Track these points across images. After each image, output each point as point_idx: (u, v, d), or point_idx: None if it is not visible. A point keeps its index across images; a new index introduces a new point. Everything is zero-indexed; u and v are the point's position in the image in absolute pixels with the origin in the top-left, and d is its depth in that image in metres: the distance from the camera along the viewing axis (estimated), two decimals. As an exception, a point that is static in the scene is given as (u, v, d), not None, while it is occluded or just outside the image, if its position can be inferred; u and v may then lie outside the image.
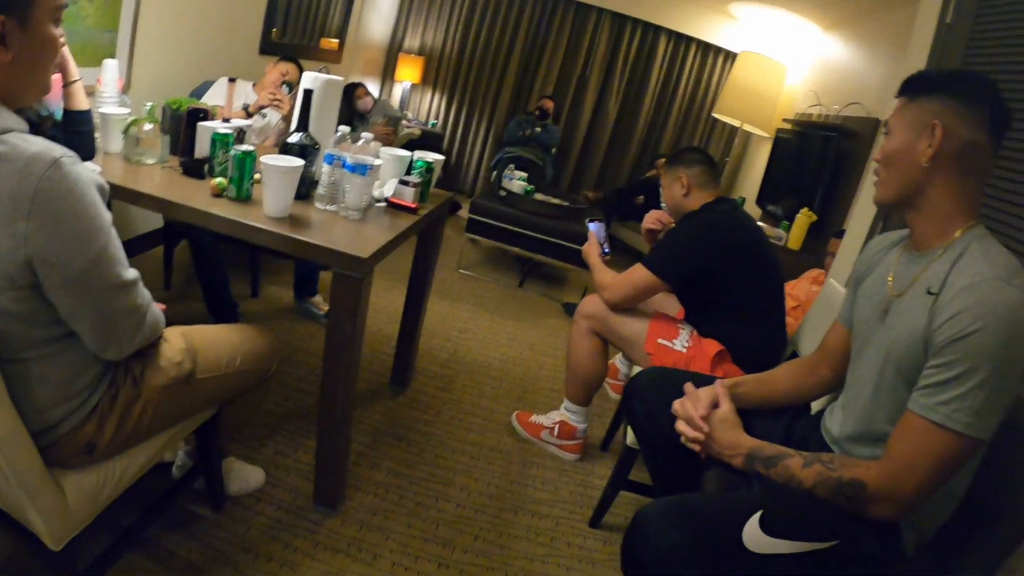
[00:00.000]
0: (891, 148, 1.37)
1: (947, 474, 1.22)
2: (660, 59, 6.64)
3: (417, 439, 2.54)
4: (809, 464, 1.35)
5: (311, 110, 2.04)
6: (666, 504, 1.38)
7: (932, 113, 1.29)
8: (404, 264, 2.78)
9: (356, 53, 5.85)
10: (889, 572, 1.39)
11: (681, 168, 2.48)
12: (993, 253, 1.24)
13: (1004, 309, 1.14)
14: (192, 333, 1.56)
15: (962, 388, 1.16)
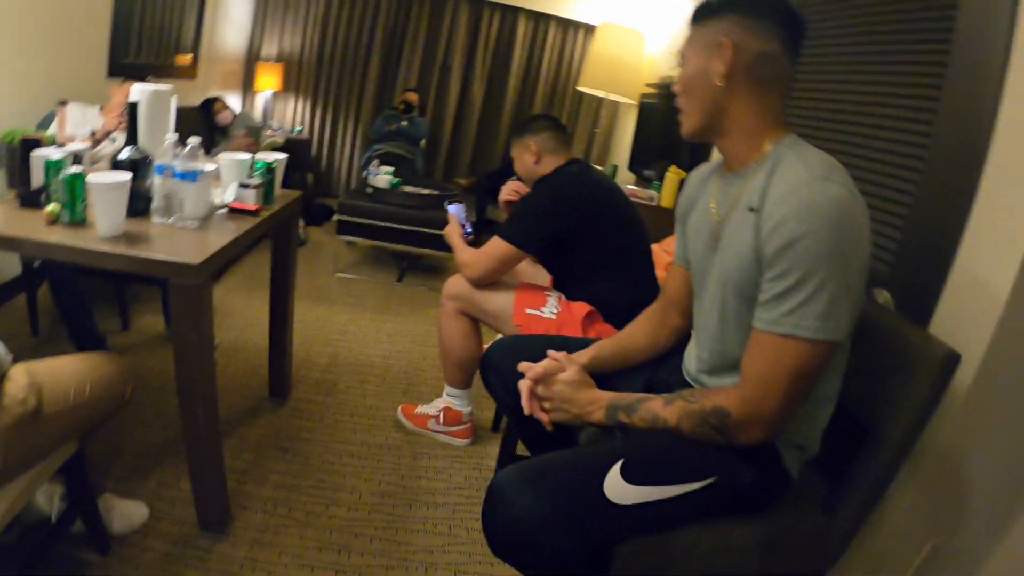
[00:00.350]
0: (686, 75, 1.37)
1: (808, 384, 1.23)
2: (521, 40, 6.65)
3: (302, 448, 2.48)
4: (670, 402, 1.34)
5: (139, 123, 1.95)
6: (516, 468, 1.34)
7: (720, 32, 1.29)
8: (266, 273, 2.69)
9: (212, 67, 5.62)
10: (778, 499, 1.42)
11: (529, 136, 2.49)
12: (807, 156, 1.24)
13: (827, 207, 1.13)
14: (36, 367, 1.47)
15: (803, 294, 1.16)
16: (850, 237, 1.14)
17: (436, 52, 6.59)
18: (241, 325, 3.44)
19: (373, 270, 4.87)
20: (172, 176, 1.86)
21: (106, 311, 3.15)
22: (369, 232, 4.49)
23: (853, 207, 1.15)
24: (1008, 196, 1.48)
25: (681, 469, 1.32)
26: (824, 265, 1.13)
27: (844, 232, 1.13)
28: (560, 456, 1.39)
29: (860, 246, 1.17)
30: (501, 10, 6.52)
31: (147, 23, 4.44)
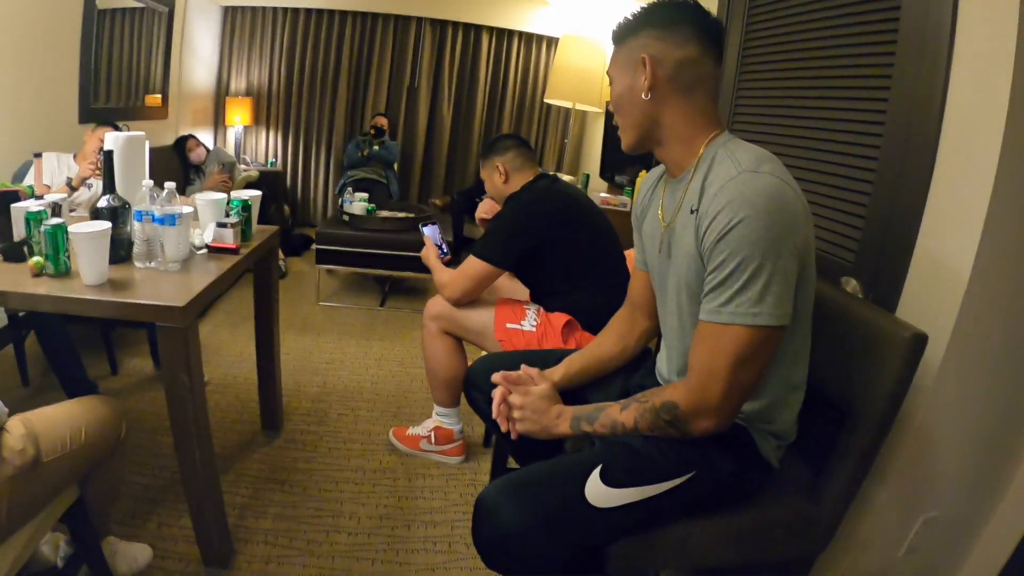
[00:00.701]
0: (616, 94, 1.42)
1: (751, 370, 1.25)
2: (486, 57, 6.73)
3: (299, 479, 2.49)
4: (626, 406, 1.38)
5: (115, 170, 1.98)
6: (500, 483, 1.37)
7: (639, 49, 1.34)
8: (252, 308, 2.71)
9: (183, 105, 5.64)
10: (761, 488, 1.46)
11: (495, 157, 2.54)
12: (738, 153, 1.27)
13: (755, 195, 1.17)
14: (31, 417, 1.49)
15: (738, 282, 1.19)
16: (780, 221, 1.17)
17: (403, 75, 6.64)
18: (229, 361, 3.45)
19: (355, 296, 4.89)
20: (152, 221, 1.89)
21: (94, 356, 3.15)
22: (348, 259, 4.51)
23: (783, 192, 1.19)
24: (962, 178, 1.53)
25: (659, 468, 1.36)
26: (757, 251, 1.16)
27: (773, 218, 1.16)
28: (541, 467, 1.42)
29: (794, 230, 1.19)
30: (464, 29, 6.59)
31: (115, 67, 4.47)
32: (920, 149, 1.61)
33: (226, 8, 6.24)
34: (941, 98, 1.57)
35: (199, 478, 1.87)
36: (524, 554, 1.30)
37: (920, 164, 1.61)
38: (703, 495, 1.39)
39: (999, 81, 1.44)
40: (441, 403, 2.65)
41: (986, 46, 1.49)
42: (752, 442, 1.40)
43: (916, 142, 1.62)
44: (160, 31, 5.05)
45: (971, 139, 1.52)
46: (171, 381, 1.75)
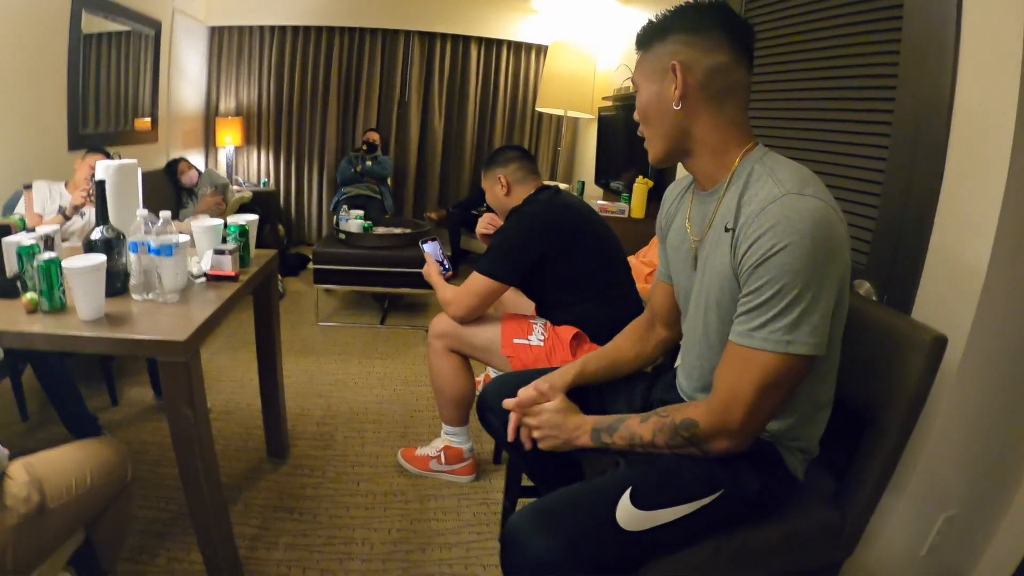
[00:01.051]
0: (643, 103, 1.36)
1: (776, 396, 1.22)
2: (475, 68, 6.72)
3: (309, 506, 2.45)
4: (646, 419, 1.35)
5: (108, 200, 1.93)
6: (529, 511, 1.34)
7: (668, 55, 1.28)
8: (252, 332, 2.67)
9: (172, 128, 5.61)
10: (788, 501, 1.43)
11: (497, 169, 2.51)
12: (778, 171, 1.22)
13: (801, 221, 1.12)
14: (35, 462, 1.46)
15: (775, 309, 1.15)
16: (824, 249, 1.13)
17: (393, 89, 6.62)
18: (231, 387, 3.41)
19: (355, 315, 4.85)
20: (148, 252, 1.85)
21: (93, 388, 3.11)
22: (346, 278, 4.47)
23: (828, 218, 1.14)
24: (973, 175, 1.51)
25: (688, 487, 1.33)
26: (798, 279, 1.13)
27: (818, 245, 1.12)
28: (569, 492, 1.38)
29: (836, 257, 1.15)
30: (452, 40, 6.58)
31: (103, 92, 4.45)
32: (929, 147, 1.59)
33: (213, 28, 6.22)
34: (949, 95, 1.55)
35: (207, 512, 1.83)
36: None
37: (930, 162, 1.59)
38: (732, 512, 1.36)
39: (1008, 75, 1.43)
40: (449, 422, 2.61)
41: (993, 40, 1.47)
42: (780, 458, 1.37)
43: (925, 140, 1.60)
44: (147, 54, 5.03)
45: (981, 135, 1.50)
46: (174, 416, 1.71)
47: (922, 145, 1.60)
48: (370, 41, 6.45)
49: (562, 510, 1.33)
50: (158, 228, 1.89)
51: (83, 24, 4.05)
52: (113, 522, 1.68)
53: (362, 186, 5.86)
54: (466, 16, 6.45)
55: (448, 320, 2.44)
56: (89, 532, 1.63)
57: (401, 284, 4.47)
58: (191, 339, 1.65)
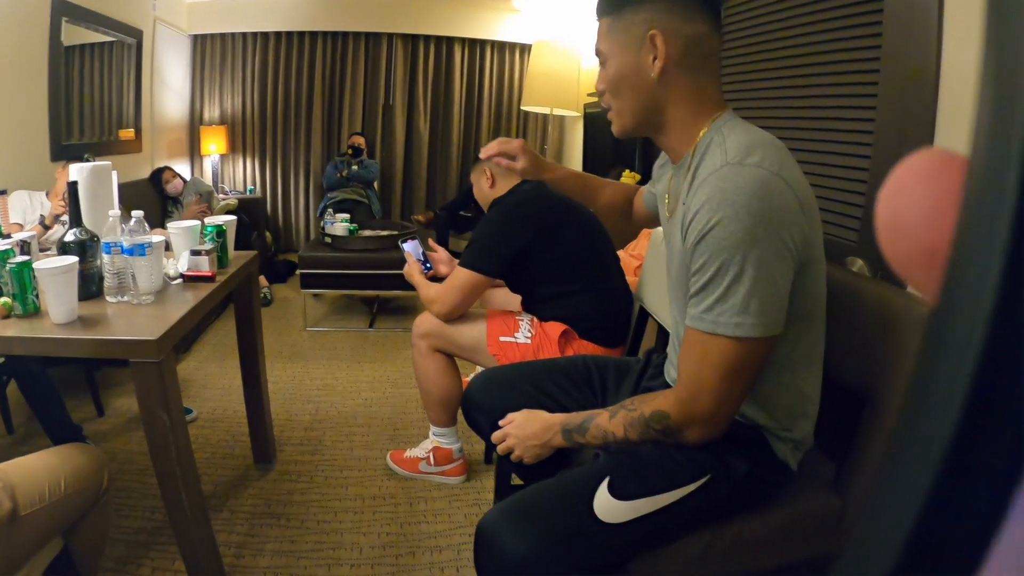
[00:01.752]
0: (613, 74, 1.25)
1: (741, 380, 1.14)
2: (460, 69, 6.71)
3: (296, 511, 2.40)
4: (614, 414, 1.29)
5: (82, 202, 1.89)
6: (501, 507, 1.28)
7: (643, 23, 1.18)
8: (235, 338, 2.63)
9: (157, 137, 5.58)
10: (782, 489, 1.37)
11: (484, 162, 2.47)
12: (729, 139, 1.14)
13: (735, 192, 1.05)
14: (7, 468, 1.42)
15: (719, 289, 1.08)
16: (764, 221, 1.05)
17: (377, 92, 6.61)
18: (218, 395, 3.36)
19: (343, 319, 4.81)
20: (121, 252, 1.81)
21: (79, 399, 3.06)
22: (333, 282, 4.43)
23: (768, 187, 1.06)
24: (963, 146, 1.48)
25: (670, 474, 1.26)
26: (737, 255, 1.05)
27: (755, 218, 1.04)
28: (544, 486, 1.33)
29: (781, 228, 1.07)
30: (436, 42, 6.57)
31: (86, 102, 4.43)
32: (917, 118, 1.57)
33: (195, 37, 6.19)
34: (935, 64, 1.52)
35: (188, 520, 1.78)
36: None
37: (918, 135, 1.56)
38: (719, 500, 1.29)
39: None
40: (437, 423, 2.56)
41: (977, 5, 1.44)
42: (767, 444, 1.31)
43: (912, 112, 1.58)
44: (129, 64, 5.00)
45: (969, 103, 1.46)
46: (149, 420, 1.66)
47: (909, 117, 1.58)
48: (353, 45, 6.43)
49: (537, 506, 1.27)
50: (131, 228, 1.85)
51: (64, 35, 4.03)
52: (91, 530, 1.64)
53: (349, 191, 5.83)
54: (449, 17, 6.45)
55: (432, 319, 2.40)
56: (67, 540, 1.59)
57: (389, 287, 4.44)
58: (164, 338, 1.60)
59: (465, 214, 5.85)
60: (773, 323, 1.10)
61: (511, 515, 1.25)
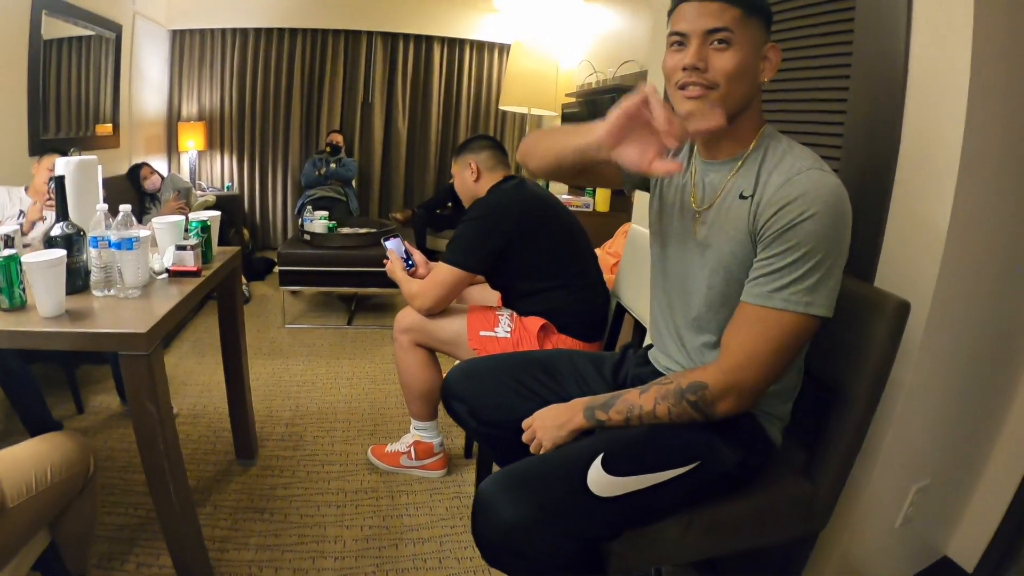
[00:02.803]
0: (740, 64, 1.27)
1: (789, 357, 1.27)
2: (438, 68, 6.73)
3: (279, 506, 2.42)
4: (646, 390, 1.37)
5: (67, 196, 1.89)
6: (499, 475, 1.33)
7: (763, 33, 1.29)
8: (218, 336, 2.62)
9: (135, 132, 5.53)
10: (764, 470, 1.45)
11: (469, 155, 2.52)
12: (796, 148, 1.30)
13: (827, 194, 1.19)
14: None
15: (798, 271, 1.21)
16: (844, 223, 1.21)
17: (356, 90, 6.61)
18: (198, 391, 3.36)
19: (322, 317, 4.82)
20: (108, 247, 1.81)
21: (58, 395, 3.05)
22: (312, 279, 4.43)
23: (844, 195, 1.22)
24: (929, 144, 1.55)
25: (663, 455, 1.33)
26: (823, 246, 1.20)
27: (839, 217, 1.20)
28: (541, 458, 1.39)
29: (849, 231, 1.23)
30: (415, 40, 6.58)
31: (64, 97, 4.40)
32: (885, 116, 1.63)
33: (174, 32, 6.14)
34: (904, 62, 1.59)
35: (175, 513, 1.79)
36: (526, 548, 1.25)
37: (887, 132, 1.62)
38: (706, 484, 1.37)
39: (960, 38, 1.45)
40: (418, 417, 2.59)
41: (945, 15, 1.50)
42: (761, 428, 1.41)
43: (881, 109, 1.64)
44: (108, 58, 4.96)
45: (936, 100, 1.54)
46: (138, 413, 1.67)
47: (878, 115, 1.63)
48: (332, 42, 6.42)
49: (533, 475, 1.33)
50: (118, 222, 1.86)
51: (44, 28, 3.99)
52: (77, 519, 1.64)
53: (327, 188, 5.82)
54: (428, 16, 6.46)
55: (413, 314, 2.43)
56: (54, 533, 1.59)
57: (368, 284, 4.45)
58: (153, 331, 1.62)
59: (442, 212, 5.87)
60: (832, 307, 1.25)
61: (508, 482, 1.30)
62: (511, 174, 2.55)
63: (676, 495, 1.35)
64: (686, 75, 1.28)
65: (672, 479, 1.32)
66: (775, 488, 1.48)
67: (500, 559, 1.30)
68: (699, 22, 1.26)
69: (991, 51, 1.45)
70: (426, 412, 2.58)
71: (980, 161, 1.50)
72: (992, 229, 1.61)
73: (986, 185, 1.54)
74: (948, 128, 1.48)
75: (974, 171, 1.49)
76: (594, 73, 4.96)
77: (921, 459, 1.80)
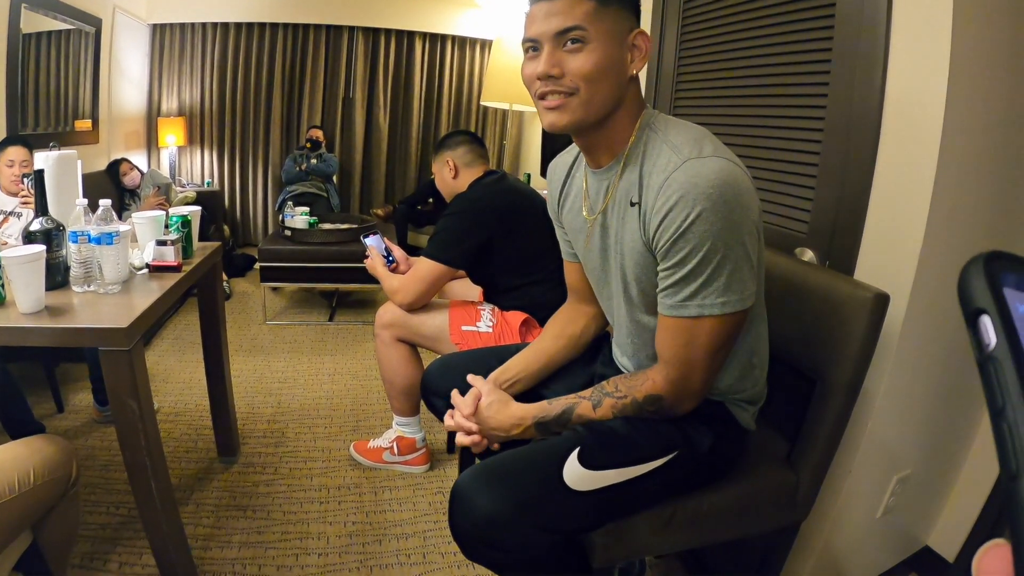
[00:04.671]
0: (598, 62, 1.19)
1: (726, 350, 1.26)
2: (420, 63, 6.71)
3: (262, 503, 2.41)
4: (599, 403, 1.35)
5: (47, 191, 1.87)
6: (476, 469, 1.32)
7: (627, 20, 1.21)
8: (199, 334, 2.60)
9: (114, 128, 5.45)
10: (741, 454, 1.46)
11: (447, 152, 2.52)
12: (671, 135, 1.21)
13: (707, 185, 1.10)
14: None
15: (702, 276, 1.15)
16: (736, 205, 1.11)
17: (337, 86, 6.57)
18: (178, 388, 3.34)
19: (303, 313, 4.80)
20: (88, 241, 1.79)
21: (38, 395, 3.02)
22: (293, 275, 4.42)
23: (732, 174, 1.12)
24: (908, 139, 1.57)
25: (639, 449, 1.33)
26: (720, 243, 1.12)
27: (728, 203, 1.11)
28: (518, 452, 1.37)
29: (748, 209, 1.14)
30: (397, 36, 6.56)
31: (43, 92, 4.34)
32: (865, 113, 1.64)
33: (154, 26, 6.08)
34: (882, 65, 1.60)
35: (157, 510, 1.78)
36: (502, 540, 1.24)
37: (866, 127, 1.64)
38: (685, 473, 1.37)
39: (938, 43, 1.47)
40: (400, 412, 2.60)
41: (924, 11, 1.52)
42: (729, 414, 1.40)
43: (860, 106, 1.66)
44: (87, 53, 4.90)
45: (913, 102, 1.55)
46: (119, 409, 1.66)
47: (856, 113, 1.66)
48: (314, 37, 6.38)
49: (510, 468, 1.32)
50: (98, 217, 1.84)
51: (23, 22, 3.94)
52: (60, 522, 1.63)
53: (307, 184, 5.79)
54: (410, 11, 6.44)
55: (395, 309, 2.43)
56: (36, 534, 1.58)
57: (349, 280, 4.44)
58: (133, 326, 1.61)
59: (423, 208, 5.86)
60: (751, 294, 1.20)
61: (485, 476, 1.29)
62: (491, 169, 2.55)
63: (655, 487, 1.35)
64: (543, 84, 1.23)
65: (650, 472, 1.32)
66: (757, 478, 1.49)
67: (478, 552, 1.29)
68: (548, 24, 1.20)
69: (969, 47, 1.47)
70: (408, 407, 2.58)
71: (958, 155, 1.52)
72: (969, 222, 1.63)
73: (964, 179, 1.56)
74: (927, 123, 1.50)
75: (952, 165, 1.51)
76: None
77: (902, 449, 1.82)
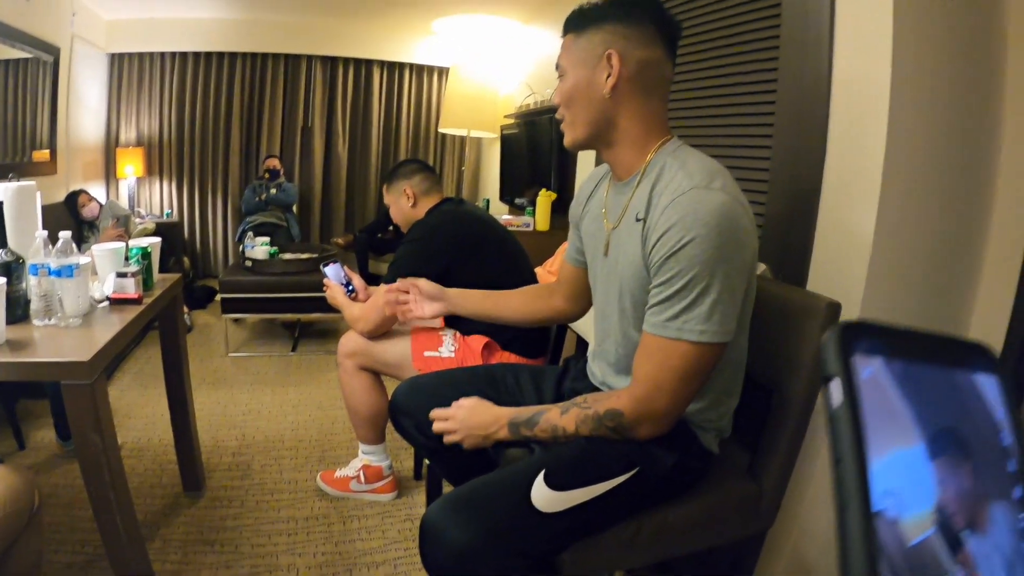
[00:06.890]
0: (570, 87, 1.36)
1: (696, 382, 1.27)
2: (378, 91, 6.76)
3: (229, 537, 2.38)
4: (566, 410, 1.37)
5: (6, 223, 1.85)
6: (444, 500, 1.33)
7: (602, 43, 1.30)
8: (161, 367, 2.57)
9: (73, 158, 5.38)
10: (704, 475, 1.48)
11: (402, 181, 2.54)
12: (689, 164, 1.27)
13: (707, 214, 1.16)
14: None
15: (687, 299, 1.19)
16: (731, 240, 1.18)
17: (296, 115, 6.59)
18: (142, 424, 3.28)
19: (266, 344, 4.76)
20: (48, 274, 1.78)
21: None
22: (255, 306, 4.39)
23: (734, 211, 1.19)
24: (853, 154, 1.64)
25: (603, 466, 1.35)
26: (707, 270, 1.17)
27: (725, 237, 1.17)
28: (484, 480, 1.39)
29: (743, 248, 1.21)
30: (355, 64, 6.60)
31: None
32: (811, 128, 1.72)
33: (112, 55, 6.05)
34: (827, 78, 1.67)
35: (124, 547, 1.75)
36: (475, 571, 1.25)
37: (812, 143, 1.71)
38: (649, 489, 1.40)
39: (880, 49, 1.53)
40: (366, 441, 2.59)
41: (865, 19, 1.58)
42: (693, 435, 1.43)
43: (807, 123, 1.73)
44: (45, 82, 4.83)
45: (858, 113, 1.62)
46: (82, 444, 1.64)
47: (804, 127, 1.72)
48: (272, 67, 6.41)
49: (477, 497, 1.33)
50: (58, 249, 1.83)
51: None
52: (24, 555, 1.59)
53: (267, 214, 5.77)
54: (368, 40, 6.50)
55: (357, 338, 2.43)
56: None
57: (311, 309, 4.42)
58: (95, 359, 1.60)
59: (384, 236, 5.86)
60: (730, 331, 1.24)
61: (453, 506, 1.30)
62: (448, 196, 2.58)
63: (621, 503, 1.37)
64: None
65: (615, 488, 1.34)
66: (721, 490, 1.52)
67: None
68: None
69: (910, 63, 1.53)
70: (373, 436, 2.58)
71: (902, 168, 1.57)
72: (916, 231, 1.68)
73: (909, 191, 1.62)
74: (871, 137, 1.56)
75: (897, 178, 1.57)
76: (532, 94, 5.04)
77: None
